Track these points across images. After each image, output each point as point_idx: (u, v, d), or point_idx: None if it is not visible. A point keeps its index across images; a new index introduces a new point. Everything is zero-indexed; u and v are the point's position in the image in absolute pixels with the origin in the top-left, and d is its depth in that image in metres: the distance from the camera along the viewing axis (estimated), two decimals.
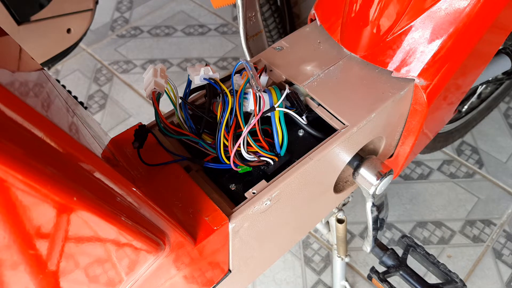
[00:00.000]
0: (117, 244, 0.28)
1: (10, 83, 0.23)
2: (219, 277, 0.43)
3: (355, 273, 1.06)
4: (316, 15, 0.56)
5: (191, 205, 0.38)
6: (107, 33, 1.67)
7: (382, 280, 0.58)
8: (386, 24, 0.49)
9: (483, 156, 1.28)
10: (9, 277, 0.24)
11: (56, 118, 0.24)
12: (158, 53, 1.59)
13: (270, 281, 1.06)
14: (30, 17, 0.77)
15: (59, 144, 0.22)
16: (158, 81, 0.39)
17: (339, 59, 0.52)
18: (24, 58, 0.31)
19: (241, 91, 0.41)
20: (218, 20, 1.71)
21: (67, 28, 0.84)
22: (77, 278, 0.28)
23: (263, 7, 1.02)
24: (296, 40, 0.55)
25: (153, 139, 0.42)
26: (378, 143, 0.55)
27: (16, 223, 0.22)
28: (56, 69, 1.54)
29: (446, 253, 1.10)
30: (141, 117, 1.40)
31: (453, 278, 0.57)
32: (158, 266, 0.33)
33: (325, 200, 0.55)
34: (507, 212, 1.17)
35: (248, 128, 0.39)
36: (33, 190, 0.20)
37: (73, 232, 0.25)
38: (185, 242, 0.35)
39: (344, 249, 0.80)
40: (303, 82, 0.49)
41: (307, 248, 1.12)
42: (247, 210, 0.39)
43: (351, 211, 1.16)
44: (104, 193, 0.26)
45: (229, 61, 1.55)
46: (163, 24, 1.70)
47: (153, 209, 0.31)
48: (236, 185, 0.42)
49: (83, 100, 1.45)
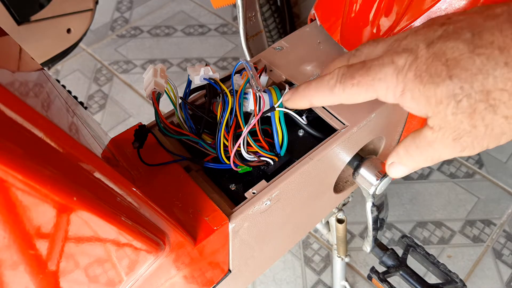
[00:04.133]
0: (117, 244, 0.28)
1: (10, 83, 0.23)
2: (219, 277, 0.43)
3: (355, 273, 1.06)
4: (316, 15, 0.56)
5: (191, 205, 0.38)
6: (107, 33, 1.67)
7: (382, 280, 0.58)
8: (386, 24, 0.49)
9: (483, 156, 1.28)
10: (9, 277, 0.24)
11: (56, 118, 0.24)
12: (158, 53, 1.59)
13: (270, 281, 1.07)
14: (30, 17, 0.77)
15: (59, 144, 0.22)
16: (158, 81, 0.39)
17: None
18: (24, 58, 0.31)
19: (241, 91, 0.41)
20: (218, 20, 1.71)
21: (67, 28, 0.84)
22: (77, 278, 0.28)
23: (263, 7, 1.02)
24: (296, 40, 0.55)
25: (153, 139, 0.42)
26: (378, 143, 0.55)
27: (16, 223, 0.22)
28: (56, 69, 1.54)
29: (446, 253, 1.10)
30: (141, 117, 1.40)
31: (453, 278, 0.57)
32: (158, 266, 0.33)
33: (325, 200, 0.55)
34: (507, 212, 1.17)
35: (248, 128, 0.39)
36: (33, 190, 0.20)
37: (73, 232, 0.25)
38: (185, 242, 0.35)
39: (344, 249, 0.80)
40: (303, 82, 0.49)
41: (307, 248, 1.12)
42: (247, 210, 0.39)
43: (351, 211, 1.16)
44: (104, 193, 0.26)
45: (229, 61, 1.55)
46: (163, 24, 1.70)
47: (153, 209, 0.31)
48: (236, 185, 0.42)
49: (83, 100, 1.45)
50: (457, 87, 0.28)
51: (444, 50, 0.29)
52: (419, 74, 0.29)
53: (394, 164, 0.35)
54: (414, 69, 0.30)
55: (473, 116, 0.28)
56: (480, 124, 0.29)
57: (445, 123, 0.30)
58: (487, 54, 0.27)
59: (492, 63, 0.27)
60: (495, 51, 0.27)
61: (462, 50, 0.28)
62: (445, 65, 0.28)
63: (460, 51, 0.28)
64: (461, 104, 0.28)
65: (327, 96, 0.34)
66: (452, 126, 0.29)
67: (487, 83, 0.27)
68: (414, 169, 0.34)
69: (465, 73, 0.28)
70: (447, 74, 0.28)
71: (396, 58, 0.31)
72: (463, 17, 0.30)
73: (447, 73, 0.28)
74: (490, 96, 0.28)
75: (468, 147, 0.30)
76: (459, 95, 0.28)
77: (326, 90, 0.34)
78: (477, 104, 0.28)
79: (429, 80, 0.29)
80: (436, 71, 0.29)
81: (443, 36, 0.29)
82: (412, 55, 0.30)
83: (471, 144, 0.30)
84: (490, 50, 0.27)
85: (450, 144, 0.30)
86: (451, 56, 0.28)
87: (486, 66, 0.27)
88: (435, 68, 0.29)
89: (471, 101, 0.28)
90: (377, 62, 0.32)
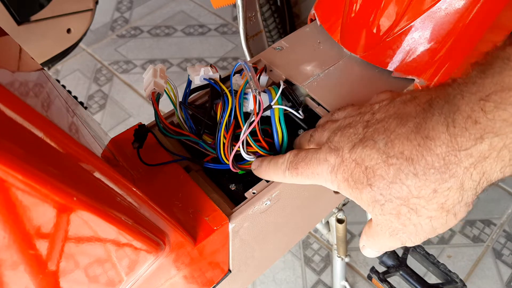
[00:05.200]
0: (117, 244, 0.28)
1: (10, 83, 0.23)
2: (219, 277, 0.43)
3: (355, 273, 1.06)
4: (316, 15, 0.56)
5: (191, 205, 0.38)
6: (107, 33, 1.67)
7: (382, 280, 0.58)
8: (386, 24, 0.49)
9: None
10: (9, 277, 0.24)
11: (56, 118, 0.24)
12: (158, 53, 1.59)
13: (270, 281, 1.06)
14: (30, 17, 0.77)
15: (59, 144, 0.22)
16: (158, 82, 0.39)
17: (339, 59, 0.52)
18: (24, 58, 0.31)
19: (241, 91, 0.41)
20: (218, 20, 1.71)
21: (67, 28, 0.84)
22: (77, 278, 0.28)
23: (263, 7, 1.02)
24: (296, 40, 0.55)
25: (153, 139, 0.42)
26: None
27: (16, 223, 0.22)
28: (56, 69, 1.54)
29: (446, 253, 1.10)
30: (141, 117, 1.40)
31: (453, 278, 0.57)
32: (158, 266, 0.33)
33: (325, 200, 0.55)
34: (507, 212, 1.17)
35: (247, 131, 0.39)
36: (33, 190, 0.20)
37: (73, 232, 0.25)
38: (185, 242, 0.35)
39: (344, 249, 0.80)
40: (303, 82, 0.49)
41: (307, 248, 1.12)
42: (247, 210, 0.39)
43: (351, 211, 1.16)
44: (104, 193, 0.26)
45: (229, 61, 1.55)
46: (163, 24, 1.70)
47: (153, 209, 0.31)
48: (236, 185, 0.42)
49: (83, 100, 1.45)
50: (377, 194, 0.31)
51: (363, 158, 0.31)
52: (346, 178, 0.32)
53: (364, 247, 0.38)
54: (341, 171, 0.33)
55: (400, 216, 0.31)
56: (409, 224, 0.31)
57: (378, 221, 0.32)
58: (398, 165, 0.30)
59: (402, 174, 0.29)
60: (404, 162, 0.29)
61: (377, 159, 0.31)
62: (365, 173, 0.31)
63: (375, 160, 0.31)
64: (385, 207, 0.31)
65: (281, 178, 0.38)
66: (385, 224, 0.32)
67: (402, 191, 0.30)
68: (383, 251, 0.37)
69: (382, 182, 0.30)
70: (367, 183, 0.31)
71: (328, 156, 0.34)
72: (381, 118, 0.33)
73: (367, 182, 0.31)
74: (409, 202, 0.30)
75: (407, 241, 0.32)
76: (381, 200, 0.31)
77: (280, 173, 0.37)
78: (400, 208, 0.30)
79: (354, 186, 0.32)
80: (358, 178, 0.31)
81: (362, 140, 0.32)
82: (339, 157, 0.33)
83: (408, 239, 0.32)
84: (400, 161, 0.30)
85: (389, 238, 0.33)
86: (369, 164, 0.31)
87: (399, 176, 0.30)
88: (358, 175, 0.31)
89: (393, 205, 0.30)
90: (316, 156, 0.35)
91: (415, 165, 0.29)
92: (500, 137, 0.26)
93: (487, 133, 0.26)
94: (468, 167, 0.28)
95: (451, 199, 0.29)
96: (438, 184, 0.29)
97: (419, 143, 0.29)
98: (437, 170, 0.28)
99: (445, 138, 0.28)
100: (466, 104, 0.27)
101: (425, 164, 0.29)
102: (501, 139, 0.26)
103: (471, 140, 0.27)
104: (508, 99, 0.26)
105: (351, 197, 0.33)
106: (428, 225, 0.31)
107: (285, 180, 0.38)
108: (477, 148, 0.27)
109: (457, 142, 0.28)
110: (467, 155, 0.27)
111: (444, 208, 0.29)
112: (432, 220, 0.30)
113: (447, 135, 0.28)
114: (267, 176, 0.39)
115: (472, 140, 0.27)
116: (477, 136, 0.27)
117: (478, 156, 0.27)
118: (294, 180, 0.37)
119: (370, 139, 0.32)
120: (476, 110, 0.27)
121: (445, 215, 0.30)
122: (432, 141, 0.29)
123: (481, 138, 0.27)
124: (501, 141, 0.26)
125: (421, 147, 0.29)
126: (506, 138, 0.26)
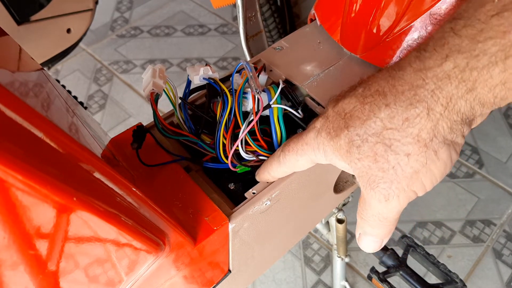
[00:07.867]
0: (117, 244, 0.28)
1: (10, 83, 0.23)
2: (219, 277, 0.43)
3: (355, 273, 1.06)
4: (316, 15, 0.56)
5: (191, 205, 0.38)
6: (107, 33, 1.67)
7: (382, 280, 0.58)
8: (386, 24, 0.49)
9: (483, 156, 1.28)
10: (9, 277, 0.24)
11: (56, 118, 0.24)
12: (158, 53, 1.59)
13: (270, 281, 1.07)
14: (30, 17, 0.77)
15: (59, 144, 0.22)
16: (157, 82, 0.39)
17: (339, 59, 0.52)
18: (24, 58, 0.31)
19: (240, 90, 0.41)
20: (218, 20, 1.71)
21: (67, 28, 0.84)
22: (77, 278, 0.28)
23: (263, 7, 1.02)
24: (296, 40, 0.55)
25: (153, 139, 0.42)
26: None
27: (16, 223, 0.22)
28: (56, 69, 1.54)
29: (446, 253, 1.10)
30: (141, 117, 1.40)
31: (453, 278, 0.57)
32: (158, 266, 0.33)
33: (325, 200, 0.55)
34: (507, 212, 1.17)
35: (246, 129, 0.39)
36: (33, 190, 0.20)
37: (73, 232, 0.25)
38: (185, 242, 0.35)
39: (344, 249, 0.80)
40: (303, 82, 0.49)
41: (307, 248, 1.12)
42: (247, 210, 0.39)
43: (351, 211, 1.16)
44: (104, 193, 0.26)
45: (229, 61, 1.55)
46: (163, 24, 1.70)
47: (153, 209, 0.31)
48: (236, 185, 0.42)
49: (83, 100, 1.45)
50: (353, 134, 0.31)
51: (343, 107, 0.32)
52: (328, 131, 0.33)
53: (361, 236, 0.35)
54: (325, 128, 0.33)
55: (377, 158, 0.30)
56: (388, 167, 0.30)
57: (357, 171, 0.32)
58: (372, 101, 0.30)
59: (376, 108, 0.30)
60: (378, 97, 0.30)
61: (355, 103, 0.31)
62: (344, 119, 0.32)
63: (353, 104, 0.31)
64: (362, 149, 0.31)
65: (277, 166, 0.38)
66: (364, 173, 0.31)
67: (376, 126, 0.30)
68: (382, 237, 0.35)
69: (358, 121, 0.31)
70: (345, 126, 0.31)
71: (316, 123, 0.35)
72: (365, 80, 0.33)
73: (345, 125, 0.32)
74: (384, 137, 0.29)
75: (390, 194, 0.31)
76: (357, 141, 0.31)
77: (275, 161, 0.38)
78: (376, 147, 0.30)
79: (334, 135, 0.32)
80: (339, 126, 0.32)
81: (342, 95, 0.33)
82: (324, 118, 0.34)
83: (390, 190, 0.31)
84: (375, 97, 0.30)
85: (374, 195, 0.31)
86: (348, 110, 0.32)
87: (373, 111, 0.30)
88: (338, 123, 0.32)
89: (370, 144, 0.30)
90: (307, 130, 0.36)
91: (387, 97, 0.29)
92: (464, 54, 0.25)
93: (452, 51, 0.26)
94: (434, 89, 0.27)
95: (425, 130, 0.28)
96: (408, 111, 0.28)
97: (390, 75, 0.29)
98: (405, 96, 0.28)
99: (416, 64, 0.28)
100: (440, 29, 0.27)
101: (396, 93, 0.29)
102: (465, 57, 0.25)
103: (438, 60, 0.27)
104: (476, 16, 0.25)
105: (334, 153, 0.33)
106: (407, 166, 0.29)
107: (280, 168, 0.38)
108: (442, 67, 0.26)
109: (425, 65, 0.27)
110: (433, 76, 0.27)
111: (420, 141, 0.28)
112: (410, 159, 0.29)
113: (418, 61, 0.28)
114: (266, 172, 0.39)
115: (439, 59, 0.26)
116: (443, 56, 0.26)
117: (443, 76, 0.26)
118: (288, 163, 0.37)
119: (349, 91, 0.33)
120: (447, 31, 0.26)
121: (423, 150, 0.28)
122: (403, 71, 0.29)
123: (446, 57, 0.26)
124: (464, 59, 0.25)
125: (393, 79, 0.29)
126: (470, 56, 0.25)
